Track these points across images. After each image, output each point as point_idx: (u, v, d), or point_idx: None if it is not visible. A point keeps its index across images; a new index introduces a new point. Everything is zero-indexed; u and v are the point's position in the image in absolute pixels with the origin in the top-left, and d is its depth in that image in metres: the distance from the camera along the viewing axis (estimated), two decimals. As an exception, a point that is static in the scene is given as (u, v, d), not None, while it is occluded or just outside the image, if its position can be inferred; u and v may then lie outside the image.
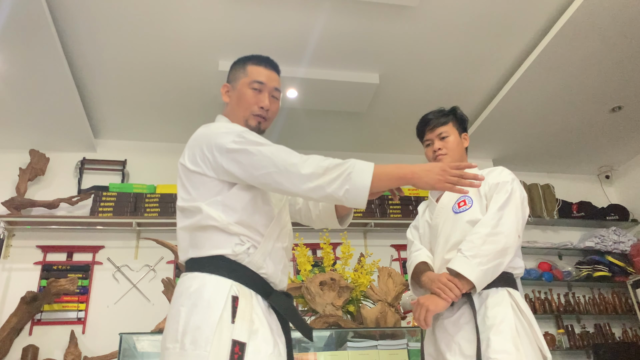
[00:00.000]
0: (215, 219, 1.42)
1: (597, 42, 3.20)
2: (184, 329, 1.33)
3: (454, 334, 1.69)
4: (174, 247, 3.14)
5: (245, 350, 1.29)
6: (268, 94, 1.64)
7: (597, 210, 4.73)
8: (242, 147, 1.41)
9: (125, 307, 3.67)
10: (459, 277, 1.66)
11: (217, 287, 1.37)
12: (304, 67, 3.47)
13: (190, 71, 3.48)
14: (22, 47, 2.96)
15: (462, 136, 2.05)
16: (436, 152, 1.98)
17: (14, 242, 3.73)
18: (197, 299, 1.36)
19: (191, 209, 1.46)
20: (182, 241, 1.50)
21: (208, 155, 1.45)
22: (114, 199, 3.83)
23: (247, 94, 1.62)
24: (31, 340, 3.41)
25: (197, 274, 1.42)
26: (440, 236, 1.87)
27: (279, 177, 1.38)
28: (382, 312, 3.04)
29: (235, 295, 1.37)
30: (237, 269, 1.42)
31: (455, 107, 2.08)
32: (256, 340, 1.33)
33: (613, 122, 4.17)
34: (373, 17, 3.09)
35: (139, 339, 3.01)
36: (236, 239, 1.44)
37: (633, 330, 4.34)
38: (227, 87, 1.70)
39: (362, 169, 1.38)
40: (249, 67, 1.66)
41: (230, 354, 1.28)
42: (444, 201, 1.94)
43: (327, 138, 4.44)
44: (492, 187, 1.82)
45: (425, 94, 3.84)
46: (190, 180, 1.48)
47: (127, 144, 4.28)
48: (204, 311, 1.33)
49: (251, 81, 1.62)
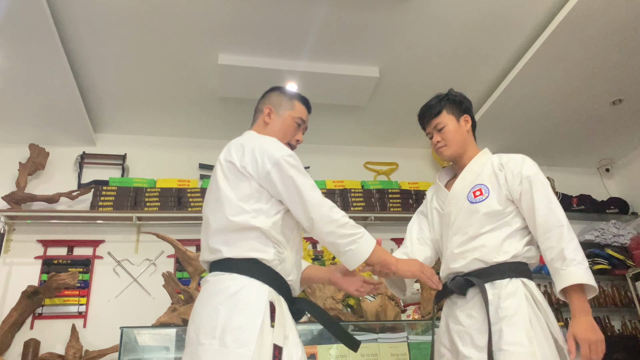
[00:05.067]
0: (259, 222, 1.50)
1: (597, 35, 3.19)
2: (224, 327, 1.37)
3: (466, 325, 1.68)
4: (174, 241, 3.14)
5: (282, 354, 1.39)
6: (303, 131, 1.86)
7: (597, 203, 4.73)
8: (291, 166, 1.55)
9: (126, 301, 3.68)
10: (582, 289, 1.59)
11: (259, 292, 1.45)
12: (304, 60, 3.46)
13: (189, 65, 3.47)
14: (21, 42, 2.95)
15: (462, 119, 1.93)
16: (436, 146, 1.94)
17: (14, 237, 3.73)
18: (238, 300, 1.42)
19: (235, 207, 1.53)
20: (213, 239, 1.55)
21: (259, 159, 1.56)
22: (114, 193, 3.83)
23: (292, 126, 1.81)
24: (32, 335, 3.42)
25: (236, 276, 1.47)
26: (454, 226, 1.82)
27: (310, 208, 1.53)
28: (382, 306, 3.04)
29: (272, 301, 1.45)
30: (272, 275, 1.50)
31: (449, 90, 1.99)
32: (288, 345, 1.43)
33: (613, 115, 4.16)
34: (373, 10, 3.08)
35: (140, 332, 3.02)
36: (274, 245, 1.52)
37: (632, 323, 4.35)
38: (270, 110, 1.82)
39: (368, 240, 1.57)
40: (297, 103, 1.84)
41: (272, 357, 1.36)
42: (457, 188, 1.86)
43: (328, 132, 4.43)
44: (516, 177, 1.76)
45: (426, 87, 3.82)
46: (236, 178, 1.57)
47: (126, 138, 4.27)
48: (247, 313, 1.40)
49: (298, 117, 1.82)
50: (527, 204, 1.73)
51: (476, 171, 1.87)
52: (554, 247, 1.63)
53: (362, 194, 4.20)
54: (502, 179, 1.80)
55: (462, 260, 1.75)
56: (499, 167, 1.84)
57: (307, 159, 4.41)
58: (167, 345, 3.08)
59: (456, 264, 1.77)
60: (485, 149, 1.97)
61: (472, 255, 1.73)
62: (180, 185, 3.98)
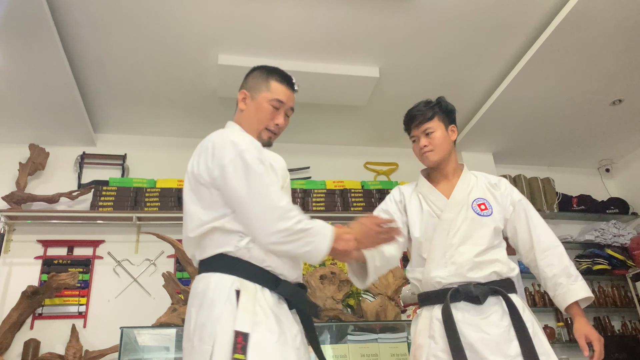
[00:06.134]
0: (219, 223, 1.48)
1: (597, 35, 3.19)
2: (194, 328, 1.41)
3: (493, 333, 1.69)
4: (174, 241, 3.14)
5: (248, 339, 1.34)
6: (284, 113, 1.70)
7: (597, 203, 4.73)
8: (236, 169, 1.46)
9: (126, 301, 3.68)
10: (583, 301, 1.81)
11: (219, 284, 1.43)
12: (304, 60, 3.46)
13: (190, 65, 3.47)
14: (21, 42, 2.95)
15: (450, 129, 1.98)
16: (422, 150, 1.95)
17: (14, 237, 3.73)
18: (202, 298, 1.43)
19: (196, 221, 1.51)
20: (188, 247, 1.59)
21: (210, 164, 1.50)
22: (114, 193, 3.83)
23: (266, 109, 1.67)
24: (32, 335, 3.42)
25: (204, 275, 1.49)
26: (458, 234, 1.83)
27: (251, 220, 1.44)
28: (382, 306, 3.05)
29: (238, 289, 1.42)
30: (239, 265, 1.47)
31: (441, 98, 2.01)
32: (259, 330, 1.37)
33: (613, 115, 4.16)
34: (373, 10, 3.08)
35: (140, 332, 3.02)
36: (236, 236, 1.48)
37: (632, 323, 4.35)
38: (244, 95, 1.72)
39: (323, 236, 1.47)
40: (272, 83, 1.69)
41: (234, 343, 1.32)
42: (457, 196, 1.89)
43: (327, 132, 4.43)
44: (506, 198, 1.92)
45: (426, 88, 3.83)
46: (197, 187, 1.53)
47: (126, 138, 4.27)
48: (208, 309, 1.40)
49: (272, 98, 1.67)
50: (520, 225, 1.90)
51: (469, 184, 1.94)
52: (556, 265, 1.82)
53: (362, 194, 4.20)
54: (498, 198, 1.92)
55: (480, 271, 1.78)
56: (492, 185, 1.96)
57: (307, 159, 4.44)
58: (167, 345, 3.08)
59: (474, 274, 1.77)
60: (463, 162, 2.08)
61: (490, 267, 1.79)
62: (180, 186, 3.97)
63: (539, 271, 1.85)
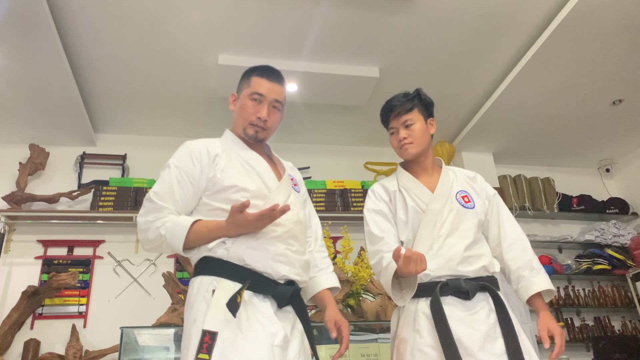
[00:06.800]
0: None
1: (597, 35, 3.19)
2: (183, 332, 1.49)
3: (481, 330, 1.65)
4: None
5: (215, 338, 1.35)
6: (268, 105, 1.69)
7: (597, 203, 4.73)
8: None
9: (126, 301, 3.68)
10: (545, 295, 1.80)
11: (200, 286, 1.48)
12: (304, 60, 3.45)
13: (190, 65, 3.47)
14: (21, 42, 2.95)
15: (428, 122, 1.96)
16: (401, 142, 1.92)
17: (14, 237, 3.73)
18: (188, 304, 1.49)
19: None
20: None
21: None
22: (114, 193, 3.83)
23: (247, 104, 1.69)
24: (32, 335, 3.42)
25: (192, 279, 1.55)
26: (445, 226, 1.78)
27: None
28: (382, 306, 3.05)
29: (214, 289, 1.44)
30: (219, 265, 1.50)
31: (419, 89, 1.98)
32: (229, 328, 1.37)
33: (614, 115, 4.16)
34: (373, 10, 3.08)
35: (140, 332, 3.02)
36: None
37: (632, 323, 4.35)
38: (233, 97, 1.79)
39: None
40: (253, 79, 1.71)
41: (200, 343, 1.34)
42: (442, 188, 1.85)
43: (327, 132, 4.43)
44: (482, 192, 1.92)
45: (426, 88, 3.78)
46: None
47: (126, 138, 4.27)
48: (188, 311, 1.47)
49: (252, 92, 1.68)
50: (492, 220, 1.90)
51: (450, 177, 1.92)
52: (519, 257, 1.82)
53: (362, 194, 4.20)
54: (478, 191, 1.92)
55: (470, 265, 1.74)
56: (470, 179, 1.96)
57: (307, 159, 4.44)
58: (167, 345, 3.08)
59: (464, 267, 1.73)
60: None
61: (479, 262, 1.76)
62: (180, 186, 3.98)
63: (504, 265, 1.85)
